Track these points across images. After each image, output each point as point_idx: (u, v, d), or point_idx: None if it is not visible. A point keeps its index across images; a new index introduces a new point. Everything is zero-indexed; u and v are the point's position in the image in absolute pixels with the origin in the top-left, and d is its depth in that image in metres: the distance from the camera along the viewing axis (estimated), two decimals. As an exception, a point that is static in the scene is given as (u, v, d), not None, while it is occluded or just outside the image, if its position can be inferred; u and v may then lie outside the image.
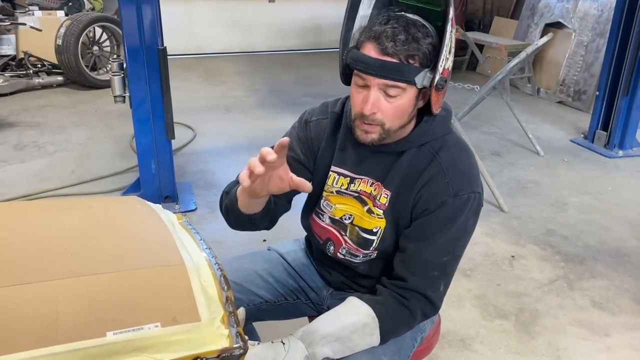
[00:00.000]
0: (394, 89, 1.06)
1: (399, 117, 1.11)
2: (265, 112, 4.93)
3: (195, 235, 1.03)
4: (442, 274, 1.16)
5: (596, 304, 2.30)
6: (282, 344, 1.07)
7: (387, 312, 1.13)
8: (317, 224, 1.31)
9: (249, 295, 1.34)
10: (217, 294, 0.86)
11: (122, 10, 2.67)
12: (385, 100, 1.08)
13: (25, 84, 5.30)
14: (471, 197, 1.14)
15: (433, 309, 1.17)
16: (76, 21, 5.27)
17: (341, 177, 1.24)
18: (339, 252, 1.29)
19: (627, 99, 3.91)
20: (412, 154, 1.18)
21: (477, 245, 2.74)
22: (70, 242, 0.92)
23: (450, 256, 1.17)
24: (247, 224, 1.23)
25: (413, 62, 1.05)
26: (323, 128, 1.27)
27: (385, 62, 1.05)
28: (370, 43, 1.06)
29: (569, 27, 5.41)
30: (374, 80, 1.06)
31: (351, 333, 1.10)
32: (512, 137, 4.36)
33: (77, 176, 3.44)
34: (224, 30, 7.43)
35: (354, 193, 1.23)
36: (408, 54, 1.04)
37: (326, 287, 1.42)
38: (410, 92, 1.08)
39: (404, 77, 1.05)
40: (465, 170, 1.17)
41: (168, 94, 2.78)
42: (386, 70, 1.05)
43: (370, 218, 1.22)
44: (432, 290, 1.15)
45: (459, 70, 6.65)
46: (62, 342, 0.72)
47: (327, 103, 1.31)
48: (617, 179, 3.65)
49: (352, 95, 1.13)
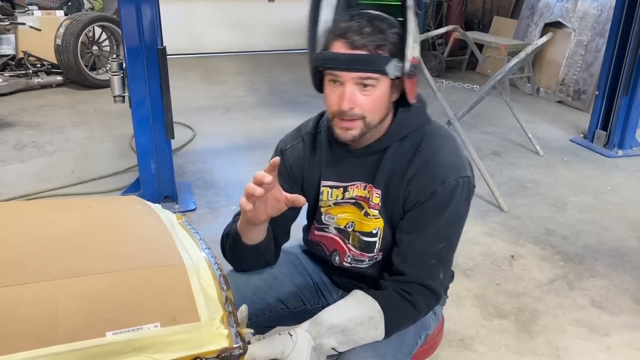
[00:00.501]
0: (368, 80, 1.08)
1: (378, 110, 1.11)
2: (265, 112, 4.93)
3: (195, 235, 1.03)
4: (440, 261, 1.17)
5: (596, 304, 2.30)
6: (290, 336, 1.08)
7: (392, 306, 1.14)
8: (324, 236, 1.32)
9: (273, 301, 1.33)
10: (216, 294, 0.86)
11: (121, 10, 2.67)
12: (362, 94, 1.09)
13: (24, 83, 5.30)
14: (460, 182, 1.15)
15: (435, 298, 1.18)
16: (75, 21, 5.27)
17: (334, 190, 1.25)
18: (345, 261, 1.29)
19: (626, 98, 3.91)
20: (394, 150, 1.18)
21: (476, 245, 2.74)
22: (70, 242, 0.92)
23: (446, 243, 1.17)
24: (254, 256, 1.25)
25: (382, 52, 1.07)
26: (300, 152, 1.29)
27: (355, 55, 1.06)
28: (339, 40, 1.08)
29: (569, 26, 5.41)
30: (347, 75, 1.07)
31: (357, 325, 1.10)
32: (512, 136, 4.36)
33: (77, 176, 3.44)
34: (223, 30, 7.43)
35: (350, 200, 1.24)
36: (376, 44, 1.06)
37: (335, 290, 1.42)
38: (383, 82, 1.09)
39: (375, 67, 1.07)
40: (449, 157, 1.17)
41: (167, 93, 2.78)
42: (358, 63, 1.06)
43: (368, 220, 1.22)
44: (432, 279, 1.16)
45: (458, 70, 6.66)
46: (61, 342, 0.72)
47: (300, 127, 1.33)
48: (617, 178, 3.65)
49: (328, 96, 1.13)
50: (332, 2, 1.16)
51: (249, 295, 1.28)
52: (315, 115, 1.31)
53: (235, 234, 1.21)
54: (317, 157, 1.27)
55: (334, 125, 1.14)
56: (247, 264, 1.30)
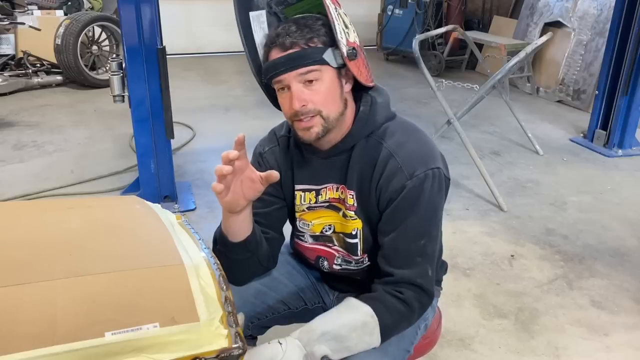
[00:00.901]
0: (310, 74, 1.08)
1: (331, 102, 1.11)
2: (265, 112, 4.90)
3: (195, 235, 1.03)
4: (424, 257, 1.16)
5: (595, 303, 2.30)
6: (280, 344, 1.06)
7: (384, 309, 1.12)
8: (303, 246, 1.32)
9: (274, 303, 1.33)
10: (216, 294, 0.86)
11: (121, 10, 2.66)
12: (309, 90, 1.09)
13: (24, 83, 5.30)
14: (429, 174, 1.13)
15: (427, 296, 1.16)
16: (75, 20, 5.27)
17: (307, 193, 1.25)
18: (335, 264, 1.29)
19: (626, 98, 3.91)
20: (360, 148, 1.18)
21: (476, 245, 2.74)
22: (69, 242, 0.92)
23: (427, 238, 1.16)
24: (246, 256, 1.21)
25: (314, 44, 1.09)
26: (277, 155, 1.29)
27: (289, 54, 1.08)
28: (272, 49, 1.11)
29: (569, 26, 5.41)
30: (289, 76, 1.09)
31: (350, 332, 1.08)
32: (512, 136, 4.36)
33: (76, 176, 3.44)
34: (223, 30, 7.41)
35: (324, 204, 1.24)
36: (306, 38, 1.08)
37: (332, 292, 1.42)
38: (327, 72, 1.10)
39: (311, 59, 1.08)
40: (415, 149, 1.16)
41: (167, 93, 2.78)
42: (292, 61, 1.08)
43: (347, 222, 1.22)
44: (421, 276, 1.15)
45: (458, 70, 6.66)
46: (60, 342, 0.72)
47: (274, 130, 1.34)
48: (617, 178, 3.65)
49: (282, 106, 1.14)
50: (263, 26, 1.19)
51: (250, 299, 1.28)
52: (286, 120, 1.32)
53: (221, 235, 1.19)
54: (289, 161, 1.27)
55: (295, 130, 1.14)
56: (242, 270, 1.25)
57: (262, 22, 1.19)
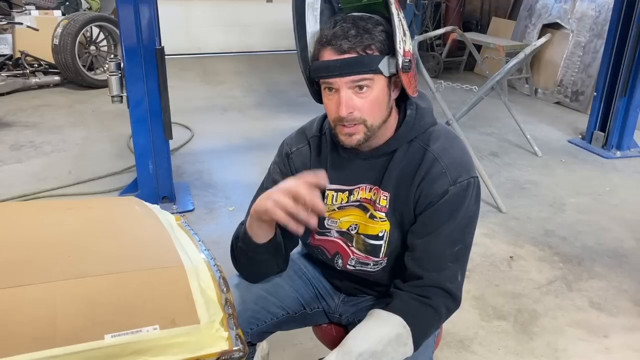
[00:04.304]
0: (363, 82, 1.07)
1: (377, 111, 1.10)
2: (263, 112, 4.92)
3: (194, 236, 1.03)
4: (456, 264, 1.15)
5: (594, 305, 2.30)
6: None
7: (415, 317, 1.11)
8: (325, 240, 1.30)
9: (274, 308, 1.32)
10: (216, 296, 0.86)
11: (119, 10, 2.66)
12: (358, 97, 1.08)
13: (21, 83, 5.29)
14: (471, 182, 1.14)
15: (454, 301, 1.15)
16: (73, 21, 5.26)
17: (339, 193, 1.24)
18: (348, 264, 1.28)
19: (624, 99, 3.92)
20: (403, 152, 1.17)
21: (475, 246, 2.71)
22: (68, 243, 0.91)
23: (461, 245, 1.16)
24: (265, 257, 1.22)
25: (371, 52, 1.06)
26: (306, 156, 1.27)
27: (344, 59, 1.06)
28: (326, 49, 1.08)
29: (567, 27, 5.42)
30: (340, 80, 1.07)
31: (385, 346, 1.06)
32: (510, 137, 4.36)
33: (74, 176, 3.43)
34: (221, 30, 7.42)
35: (355, 203, 1.23)
36: (364, 45, 1.06)
37: (337, 294, 1.41)
38: (379, 82, 1.08)
39: (367, 68, 1.06)
40: (459, 156, 1.16)
41: (166, 94, 2.77)
42: (348, 67, 1.05)
43: (374, 223, 1.21)
44: (450, 281, 1.14)
45: (456, 71, 6.67)
46: (60, 344, 0.72)
47: (303, 129, 1.31)
48: (615, 179, 3.65)
49: (326, 105, 1.13)
50: (315, 13, 1.17)
51: (251, 305, 1.27)
52: (318, 117, 1.30)
53: (245, 234, 1.18)
54: (323, 161, 1.26)
55: (337, 133, 1.13)
56: (259, 269, 1.26)
57: (315, 8, 1.17)
